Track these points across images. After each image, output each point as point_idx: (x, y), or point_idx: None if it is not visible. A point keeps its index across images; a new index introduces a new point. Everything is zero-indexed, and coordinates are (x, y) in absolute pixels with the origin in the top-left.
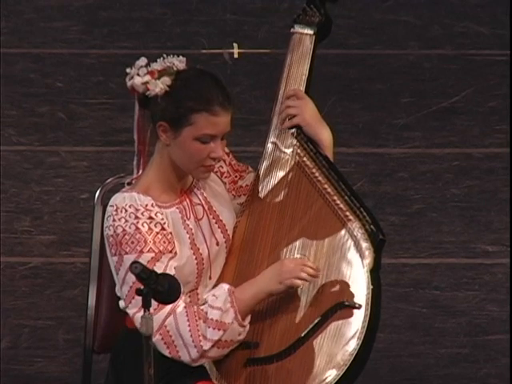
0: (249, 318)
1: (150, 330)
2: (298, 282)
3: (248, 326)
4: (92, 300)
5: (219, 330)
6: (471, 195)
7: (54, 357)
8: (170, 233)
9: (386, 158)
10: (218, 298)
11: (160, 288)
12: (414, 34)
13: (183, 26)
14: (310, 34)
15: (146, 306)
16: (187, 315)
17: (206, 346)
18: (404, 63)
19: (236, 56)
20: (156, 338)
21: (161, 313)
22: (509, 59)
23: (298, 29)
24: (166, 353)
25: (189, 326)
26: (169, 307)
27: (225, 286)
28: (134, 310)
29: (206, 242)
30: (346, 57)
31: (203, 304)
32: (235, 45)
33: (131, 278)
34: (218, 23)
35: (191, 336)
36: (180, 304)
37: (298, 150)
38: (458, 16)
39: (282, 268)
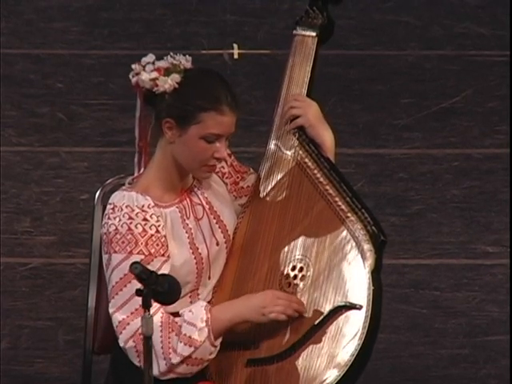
0: (220, 339)
1: (150, 330)
2: (282, 316)
3: (219, 347)
4: (92, 301)
5: (190, 346)
6: (471, 196)
7: (53, 357)
8: (165, 236)
9: (386, 159)
10: (195, 315)
11: (160, 288)
12: (414, 35)
13: (183, 27)
14: (313, 36)
15: (145, 306)
16: (161, 326)
17: (175, 360)
18: (404, 64)
19: (236, 57)
20: (129, 345)
21: (137, 320)
22: (509, 60)
23: (300, 31)
24: (136, 361)
25: (161, 336)
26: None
27: (202, 304)
28: (113, 310)
29: (205, 241)
30: (346, 57)
31: (179, 317)
32: (235, 45)
33: (115, 277)
34: (218, 24)
35: (162, 348)
36: (158, 313)
37: (300, 152)
38: (458, 17)
39: (266, 300)
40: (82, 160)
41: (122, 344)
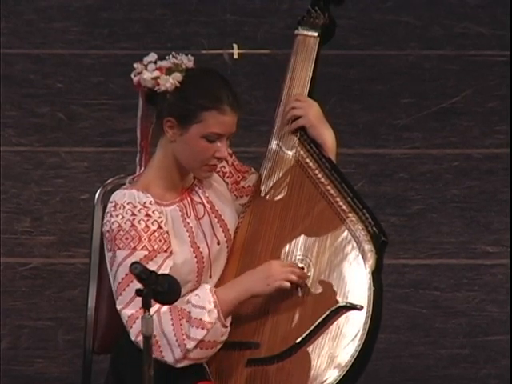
0: (230, 319)
1: (149, 330)
2: (287, 283)
3: (229, 328)
4: (92, 300)
5: (202, 329)
6: (471, 196)
7: (53, 357)
8: (167, 232)
9: (386, 159)
10: (201, 298)
11: (160, 288)
12: (414, 35)
13: (183, 27)
14: (314, 36)
15: (145, 306)
16: (171, 315)
17: (190, 345)
18: (404, 64)
19: (236, 57)
20: (140, 338)
21: None
22: (509, 60)
23: (302, 31)
24: None
25: (172, 325)
26: (155, 308)
27: (206, 286)
28: (121, 306)
29: (206, 240)
30: (346, 57)
31: (186, 304)
32: (235, 45)
33: (121, 273)
34: (218, 24)
35: (175, 335)
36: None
37: (301, 152)
38: (458, 17)
39: (270, 270)
40: (82, 160)
41: (133, 338)
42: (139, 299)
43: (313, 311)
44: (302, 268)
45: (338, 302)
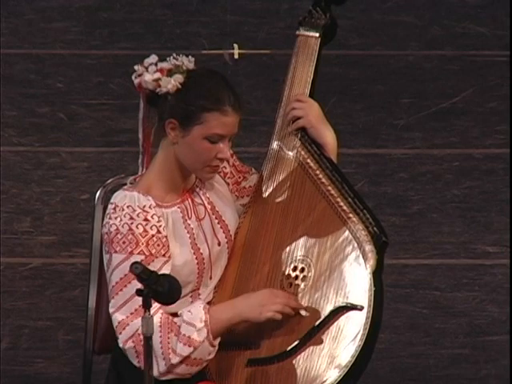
0: (219, 339)
1: (150, 330)
2: (279, 316)
3: (217, 347)
4: (92, 301)
5: (189, 346)
6: (471, 196)
7: (54, 358)
8: (165, 236)
9: (387, 159)
10: (193, 315)
11: (160, 289)
12: (415, 35)
13: (183, 27)
14: (316, 37)
15: (146, 306)
16: (160, 326)
17: (175, 360)
18: (404, 64)
19: (236, 57)
20: (128, 346)
21: (137, 320)
22: (509, 60)
23: (303, 31)
24: (135, 362)
25: (160, 337)
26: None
27: (201, 304)
28: (113, 310)
29: (207, 241)
30: (347, 57)
31: (178, 317)
32: (235, 45)
33: (115, 277)
34: (219, 24)
35: (161, 348)
36: (157, 314)
37: (302, 152)
38: (458, 17)
39: (266, 299)
40: (82, 160)
41: (121, 344)
42: (130, 304)
43: (313, 311)
44: (303, 269)
45: (338, 302)
